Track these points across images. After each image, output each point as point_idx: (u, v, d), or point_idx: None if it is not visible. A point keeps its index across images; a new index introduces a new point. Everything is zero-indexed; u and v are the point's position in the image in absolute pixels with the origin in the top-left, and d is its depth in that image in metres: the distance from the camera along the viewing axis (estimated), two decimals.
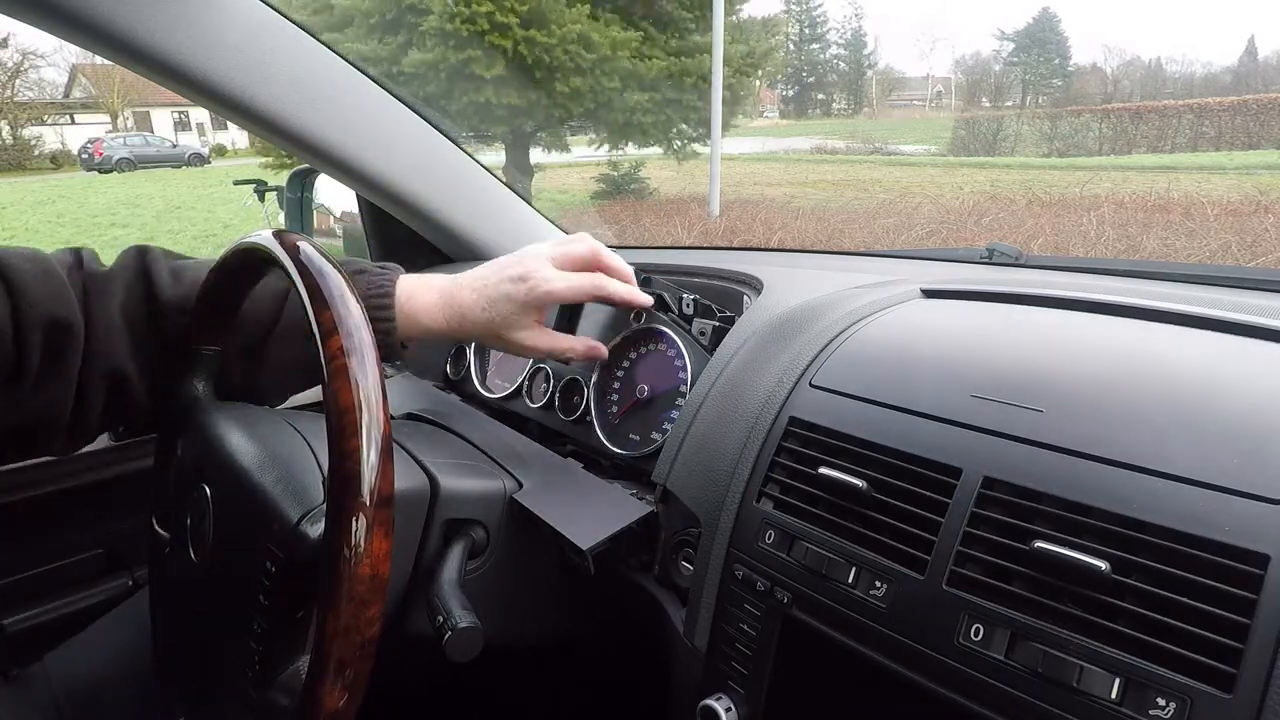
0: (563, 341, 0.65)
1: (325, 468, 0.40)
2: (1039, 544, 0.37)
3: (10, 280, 0.51)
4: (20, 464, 0.78)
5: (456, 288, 0.62)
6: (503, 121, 7.98)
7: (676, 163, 9.70)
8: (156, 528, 0.62)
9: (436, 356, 0.94)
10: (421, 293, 0.62)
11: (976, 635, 0.38)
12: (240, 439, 0.52)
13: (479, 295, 0.62)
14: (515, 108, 7.84)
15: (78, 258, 0.59)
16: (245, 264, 0.55)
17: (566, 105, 7.95)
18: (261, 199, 5.31)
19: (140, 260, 0.60)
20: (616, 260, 0.65)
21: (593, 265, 0.64)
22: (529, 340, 0.63)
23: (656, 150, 9.55)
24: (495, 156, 9.14)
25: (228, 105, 0.73)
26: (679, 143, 9.33)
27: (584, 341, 0.66)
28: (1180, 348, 0.46)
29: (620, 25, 8.01)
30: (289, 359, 0.63)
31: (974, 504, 0.40)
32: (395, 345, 0.62)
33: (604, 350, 0.68)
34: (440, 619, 0.48)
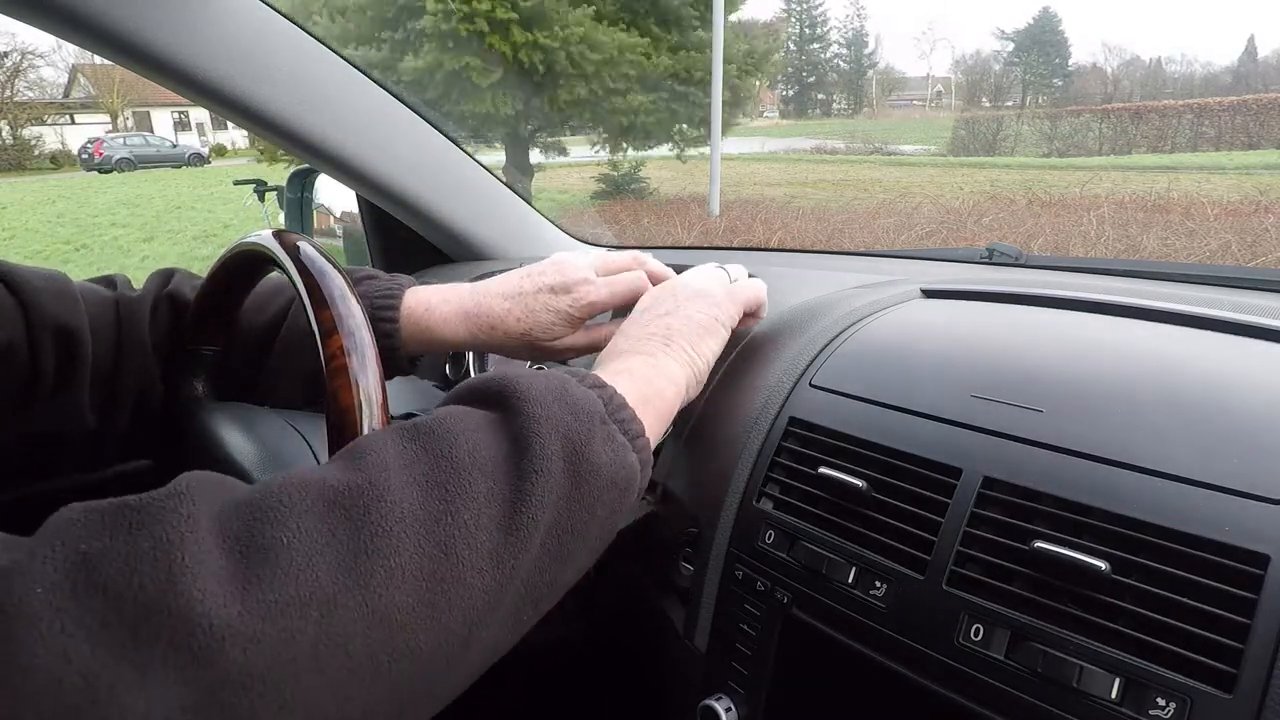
0: (602, 332, 0.61)
1: None
2: (1039, 544, 0.37)
3: (23, 295, 0.52)
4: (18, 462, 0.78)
5: (483, 297, 0.59)
6: (503, 130, 7.94)
7: (680, 162, 9.69)
8: None
9: (436, 356, 0.94)
10: (439, 305, 0.59)
11: (976, 635, 0.38)
12: (240, 439, 0.52)
13: (514, 304, 0.58)
14: (516, 117, 7.73)
15: (111, 283, 0.60)
16: (245, 264, 0.55)
17: (569, 114, 7.88)
18: (261, 199, 5.30)
19: (165, 282, 0.61)
20: (658, 265, 0.63)
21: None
22: (567, 343, 0.60)
23: (657, 150, 9.55)
24: (495, 157, 9.14)
25: (228, 105, 0.73)
26: (679, 144, 9.33)
27: (619, 323, 0.64)
28: (1180, 348, 0.46)
29: (624, 27, 7.84)
30: (293, 368, 0.62)
31: (974, 504, 0.40)
32: (400, 359, 0.59)
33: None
34: None
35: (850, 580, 0.43)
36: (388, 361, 0.58)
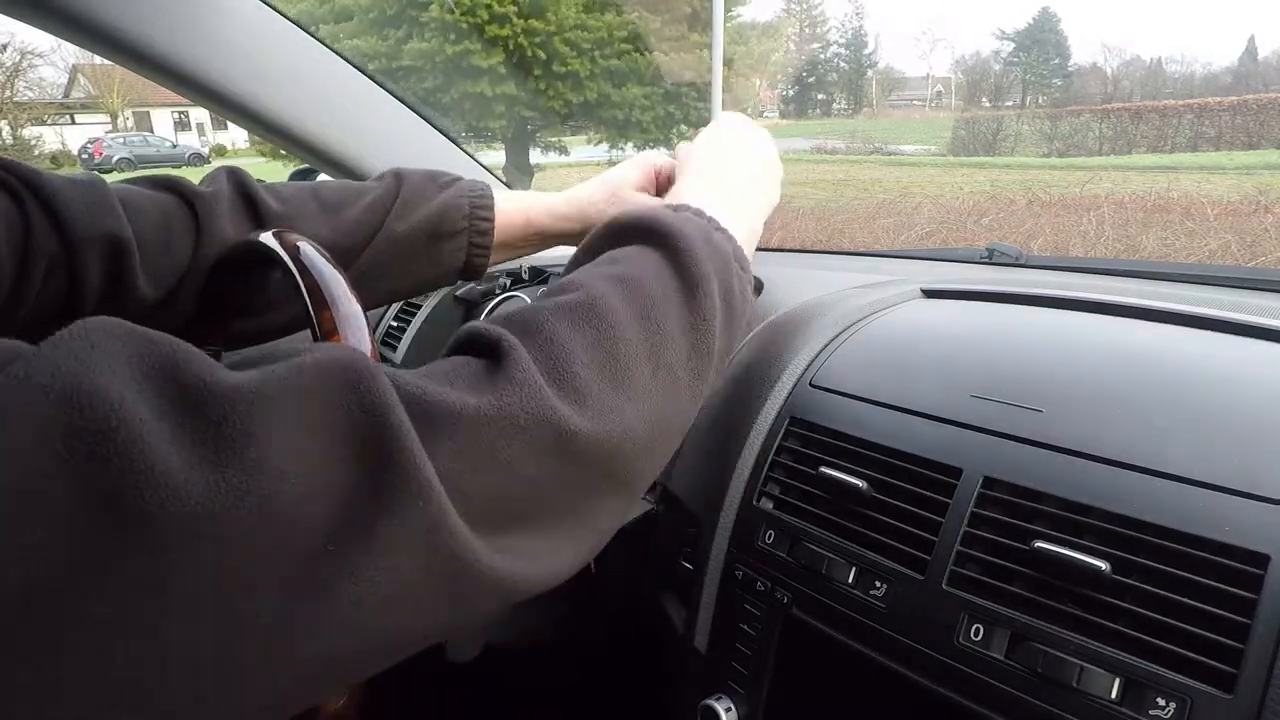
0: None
1: None
2: (1039, 544, 0.37)
3: (57, 209, 0.48)
4: None
5: (584, 203, 0.63)
6: (501, 115, 8.08)
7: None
8: None
9: (436, 352, 0.94)
10: (555, 204, 0.62)
11: (976, 635, 0.38)
12: None
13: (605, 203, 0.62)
14: (513, 97, 7.96)
15: (170, 181, 0.57)
16: (245, 264, 0.55)
17: (565, 94, 8.08)
18: None
19: (237, 183, 0.59)
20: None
21: None
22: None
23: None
24: (495, 156, 9.14)
25: (228, 105, 0.73)
26: (677, 141, 9.37)
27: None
28: (1180, 348, 0.46)
29: (615, 11, 8.26)
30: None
31: (974, 504, 0.40)
32: (481, 263, 0.61)
33: None
34: None
35: (850, 580, 0.43)
36: (472, 262, 0.61)
